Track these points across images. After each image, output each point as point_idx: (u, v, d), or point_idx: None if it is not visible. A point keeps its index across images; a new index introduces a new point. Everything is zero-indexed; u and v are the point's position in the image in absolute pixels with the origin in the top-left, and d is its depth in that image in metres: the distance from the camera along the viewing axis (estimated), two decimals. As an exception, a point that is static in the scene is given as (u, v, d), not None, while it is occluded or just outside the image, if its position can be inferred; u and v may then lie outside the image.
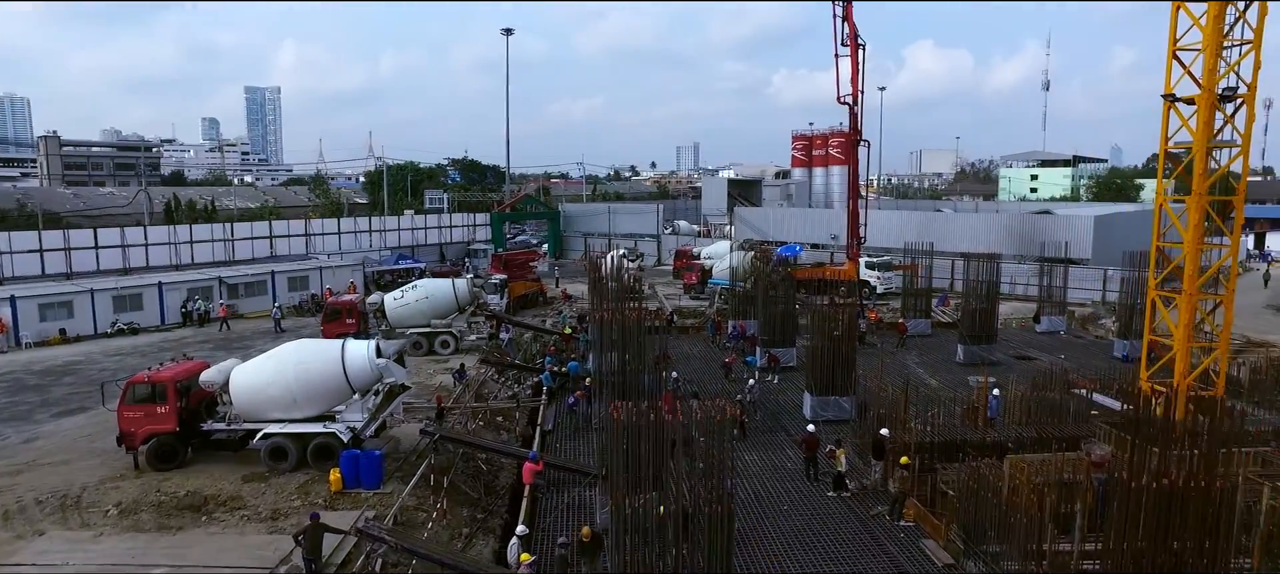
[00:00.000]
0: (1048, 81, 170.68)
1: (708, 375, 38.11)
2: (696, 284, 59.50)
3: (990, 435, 26.23)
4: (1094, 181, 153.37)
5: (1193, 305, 27.62)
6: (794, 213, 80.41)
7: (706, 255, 65.88)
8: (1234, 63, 26.40)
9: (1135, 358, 41.23)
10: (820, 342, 30.64)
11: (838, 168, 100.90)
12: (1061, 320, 48.74)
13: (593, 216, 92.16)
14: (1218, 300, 28.35)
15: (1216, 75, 26.32)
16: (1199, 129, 26.74)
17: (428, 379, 36.82)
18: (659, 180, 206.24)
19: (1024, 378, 37.59)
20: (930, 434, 24.89)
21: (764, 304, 39.67)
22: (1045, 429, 26.33)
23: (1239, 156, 27.10)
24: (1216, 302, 28.39)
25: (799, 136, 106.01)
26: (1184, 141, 28.02)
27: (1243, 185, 27.33)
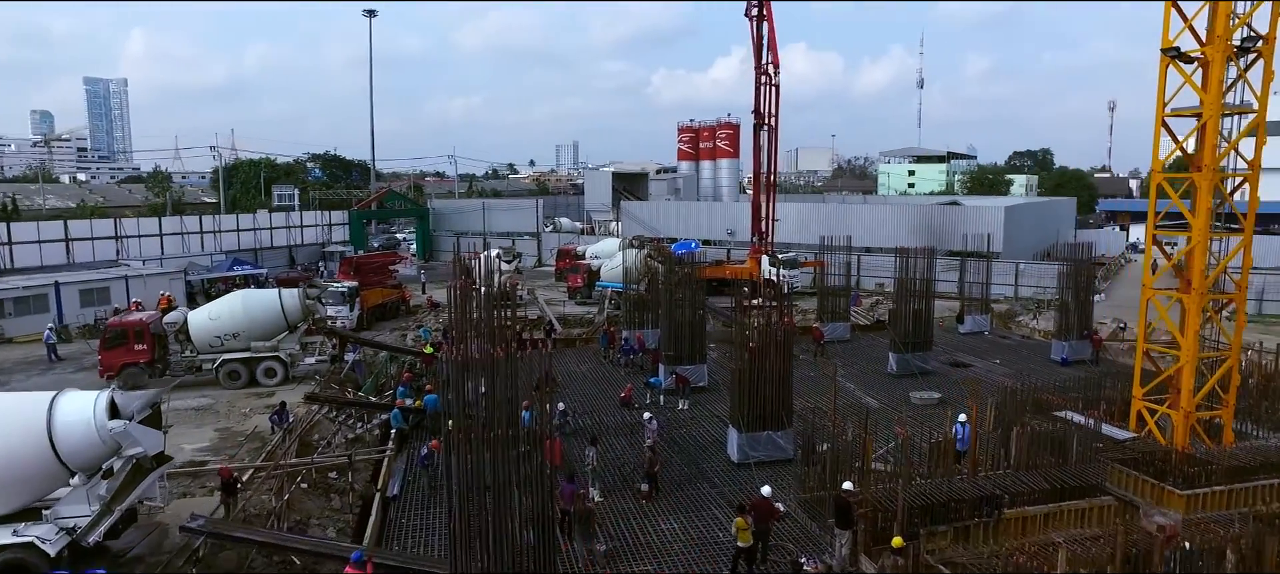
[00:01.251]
0: (922, 80, 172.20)
1: (603, 403, 30.67)
2: (583, 287, 51.93)
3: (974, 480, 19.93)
4: (967, 176, 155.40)
5: (1201, 306, 22.27)
6: (686, 206, 74.13)
7: (593, 255, 58.46)
8: (1246, 15, 21.25)
9: (1074, 360, 36.95)
10: (746, 360, 23.73)
11: (726, 161, 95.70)
12: (985, 320, 44.05)
13: (466, 214, 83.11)
14: (1228, 300, 23.12)
15: (1229, 24, 21.06)
16: (1211, 88, 21.40)
17: (239, 423, 27.73)
18: (538, 178, 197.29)
19: (963, 389, 32.28)
20: (904, 485, 18.34)
21: (666, 311, 32.57)
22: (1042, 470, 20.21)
23: (1256, 124, 21.91)
24: (1227, 302, 23.13)
25: (685, 128, 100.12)
26: (1186, 105, 22.75)
27: (1257, 157, 22.11)
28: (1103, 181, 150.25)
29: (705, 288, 33.69)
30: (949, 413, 29.05)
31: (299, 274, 61.35)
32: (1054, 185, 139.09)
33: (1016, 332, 44.91)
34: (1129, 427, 24.02)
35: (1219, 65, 21.18)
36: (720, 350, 36.35)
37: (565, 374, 34.89)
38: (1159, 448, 22.12)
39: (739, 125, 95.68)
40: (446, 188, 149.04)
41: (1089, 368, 35.98)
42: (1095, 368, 36.07)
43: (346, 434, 27.49)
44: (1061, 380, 33.29)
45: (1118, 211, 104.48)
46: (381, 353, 37.03)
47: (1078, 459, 20.22)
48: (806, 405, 27.36)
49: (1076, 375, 34.60)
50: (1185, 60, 22.16)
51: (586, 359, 37.83)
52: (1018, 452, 20.18)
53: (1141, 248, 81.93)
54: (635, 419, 28.05)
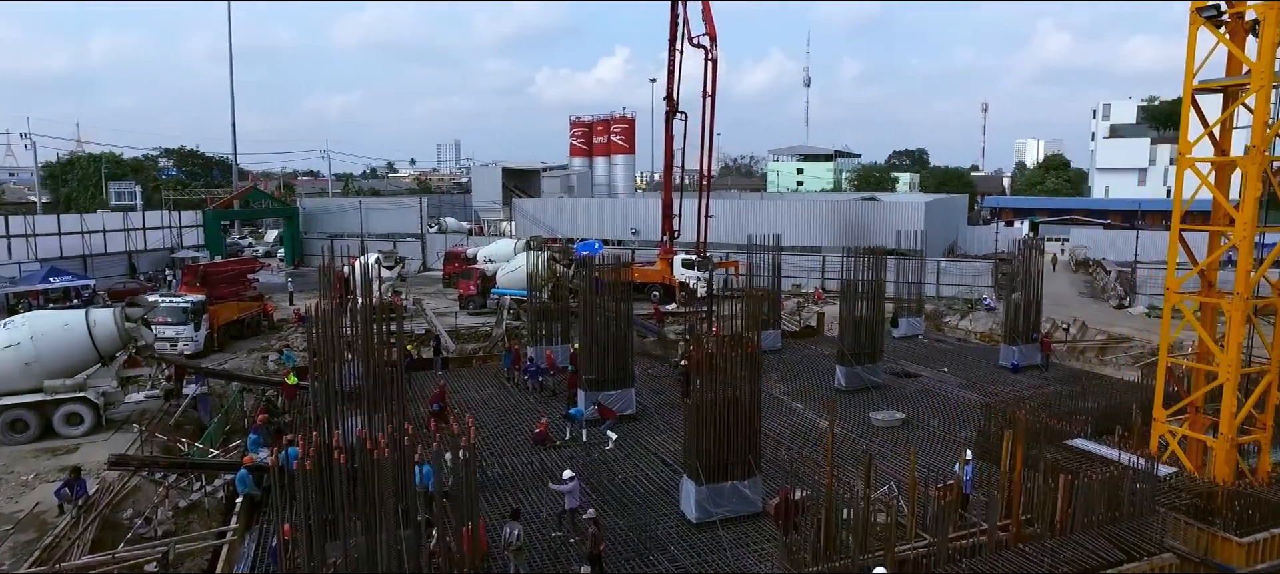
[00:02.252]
0: (808, 78, 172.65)
1: (513, 441, 24.62)
2: (477, 295, 45.36)
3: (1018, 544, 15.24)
4: (854, 174, 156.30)
5: (1247, 312, 18.44)
6: (584, 204, 68.35)
7: (486, 258, 51.96)
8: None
9: (1025, 366, 33.64)
10: (697, 391, 18.37)
11: (621, 157, 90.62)
12: (919, 322, 40.46)
13: (342, 214, 74.42)
14: (1267, 305, 19.37)
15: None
16: (1264, 52, 17.55)
17: (11, 499, 20.12)
18: (420, 176, 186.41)
19: (925, 403, 28.15)
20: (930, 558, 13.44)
21: (586, 325, 26.84)
22: (1099, 529, 15.71)
23: (1258, 92, 18.18)
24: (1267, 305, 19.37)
25: (578, 123, 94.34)
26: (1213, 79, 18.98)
27: (1259, 129, 18.38)
28: (979, 179, 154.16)
29: (629, 296, 28.13)
30: (922, 438, 24.90)
31: (139, 285, 51.93)
32: (937, 183, 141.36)
33: (951, 334, 41.56)
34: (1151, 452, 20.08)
35: (1273, 24, 17.35)
36: (643, 369, 31.02)
37: (463, 401, 28.62)
38: (1203, 486, 18.17)
39: (634, 120, 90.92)
40: (320, 187, 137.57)
41: (1042, 373, 32.84)
42: (1047, 373, 32.96)
43: (177, 502, 20.41)
44: (1021, 389, 29.81)
45: (1002, 208, 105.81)
46: (233, 384, 29.56)
47: (1132, 510, 15.88)
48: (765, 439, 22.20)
49: (1033, 382, 31.29)
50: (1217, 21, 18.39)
51: (486, 382, 31.58)
52: (1065, 508, 15.61)
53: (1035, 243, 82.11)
54: (556, 463, 22.27)
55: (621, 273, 27.28)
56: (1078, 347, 37.57)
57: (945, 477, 19.01)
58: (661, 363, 33.85)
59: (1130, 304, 45.75)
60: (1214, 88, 18.86)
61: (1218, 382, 18.72)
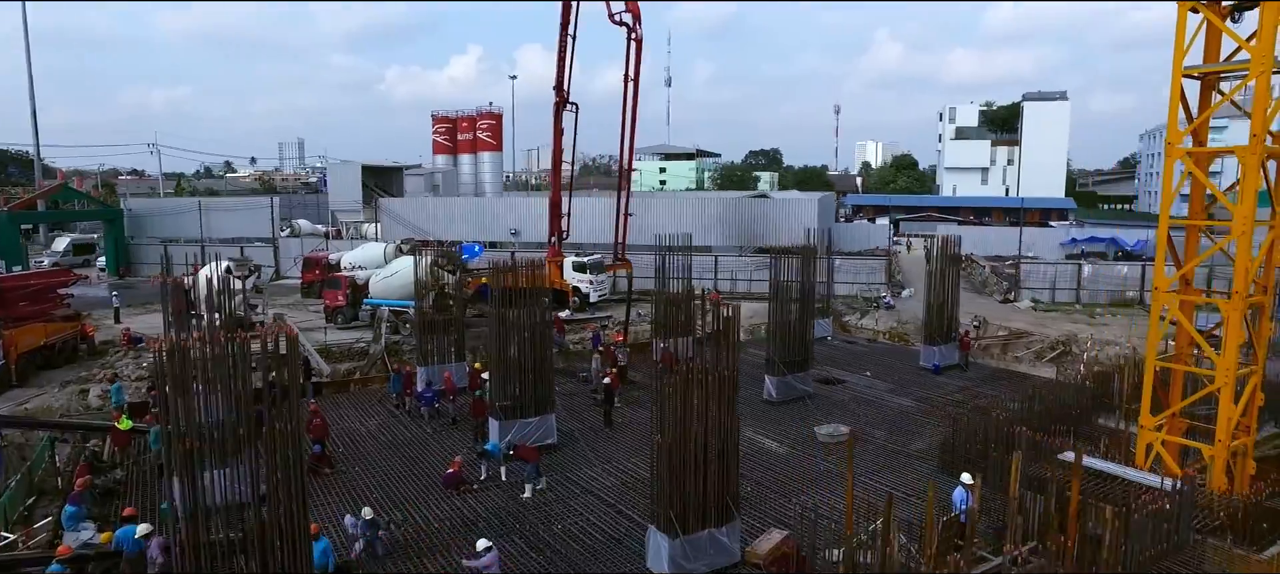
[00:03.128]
0: (669, 78, 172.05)
1: (417, 487, 20.26)
2: (347, 306, 39.80)
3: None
4: (717, 173, 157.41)
5: (1244, 313, 17.05)
6: (459, 203, 63.10)
7: (353, 264, 46.21)
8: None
9: (946, 366, 32.44)
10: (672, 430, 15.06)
11: (489, 154, 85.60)
12: (827, 324, 38.78)
13: (177, 217, 65.36)
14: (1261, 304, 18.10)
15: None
16: (1264, 35, 16.14)
17: None
18: (263, 176, 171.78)
19: (864, 413, 25.99)
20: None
21: (494, 342, 22.80)
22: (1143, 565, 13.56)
23: (1258, 78, 16.94)
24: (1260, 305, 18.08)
25: (441, 119, 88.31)
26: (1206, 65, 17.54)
27: (1259, 117, 17.16)
28: (835, 178, 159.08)
29: (546, 305, 24.27)
30: (874, 452, 22.64)
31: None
32: (797, 182, 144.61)
33: (858, 335, 40.18)
34: (1137, 464, 18.54)
35: (1274, 9, 15.95)
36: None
37: (345, 436, 23.85)
38: (1234, 503, 16.58)
39: (502, 115, 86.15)
40: (148, 186, 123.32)
41: (963, 373, 31.71)
42: (967, 372, 31.88)
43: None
44: (951, 391, 28.37)
45: (862, 205, 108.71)
46: (39, 432, 23.25)
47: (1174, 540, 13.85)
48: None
49: (959, 384, 29.99)
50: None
51: (371, 410, 26.77)
52: (1115, 543, 13.35)
53: (897, 239, 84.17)
54: (476, 513, 18.31)
55: (536, 277, 23.44)
56: (981, 342, 37.01)
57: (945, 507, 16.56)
58: (568, 378, 30.19)
59: (1015, 298, 46.27)
60: (1212, 71, 17.41)
61: (1214, 386, 17.28)
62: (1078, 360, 34.16)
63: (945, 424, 24.69)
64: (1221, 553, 14.44)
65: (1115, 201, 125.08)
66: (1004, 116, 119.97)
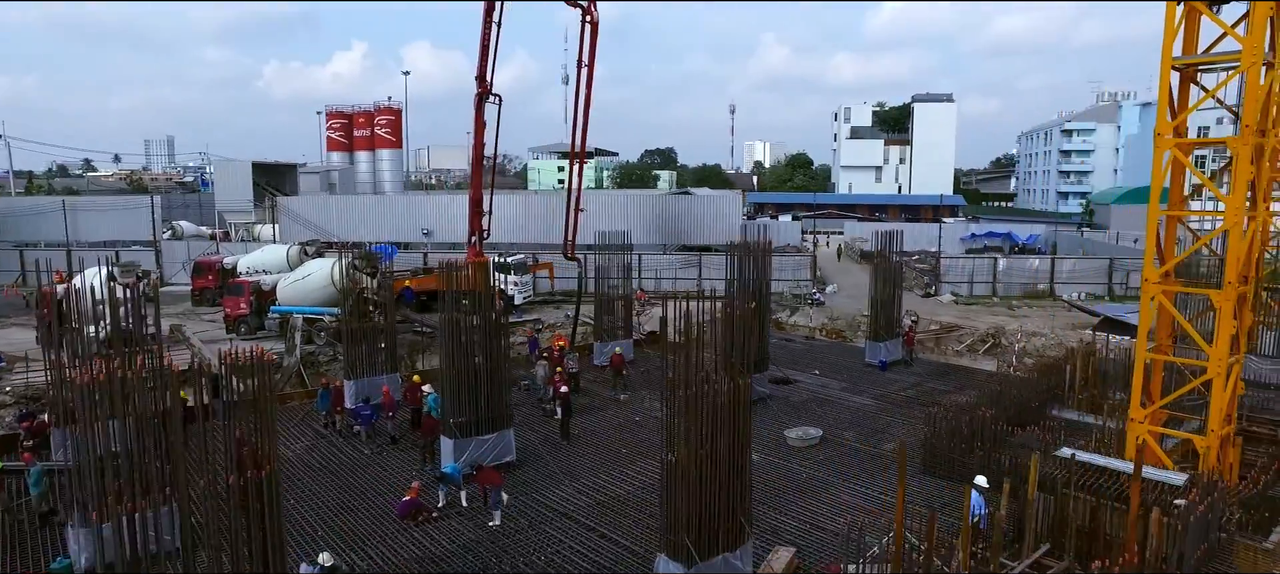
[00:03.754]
0: (567, 76, 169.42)
1: (372, 524, 17.85)
2: (251, 314, 36.14)
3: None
4: (616, 171, 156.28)
5: (1235, 304, 16.94)
6: (366, 202, 59.23)
7: (253, 268, 42.34)
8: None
9: (892, 363, 32.15)
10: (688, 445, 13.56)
11: (388, 151, 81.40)
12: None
13: (35, 219, 58.56)
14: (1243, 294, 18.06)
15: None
16: (1255, 27, 15.98)
17: None
18: (131, 176, 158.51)
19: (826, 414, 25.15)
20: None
21: (447, 351, 20.66)
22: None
23: (1249, 70, 16.89)
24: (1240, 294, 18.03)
25: (336, 114, 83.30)
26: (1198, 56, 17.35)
27: (1251, 108, 17.12)
28: (734, 177, 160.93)
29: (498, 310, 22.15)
30: (848, 455, 21.76)
31: None
32: (695, 181, 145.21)
33: (794, 332, 39.65)
34: (1126, 456, 18.26)
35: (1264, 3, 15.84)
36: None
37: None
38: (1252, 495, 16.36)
39: (401, 111, 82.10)
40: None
41: (908, 368, 31.50)
42: (912, 367, 31.71)
43: None
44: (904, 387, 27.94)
45: (764, 203, 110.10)
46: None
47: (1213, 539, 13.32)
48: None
49: (908, 379, 29.64)
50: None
51: (295, 431, 23.89)
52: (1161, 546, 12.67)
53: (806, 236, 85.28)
54: (442, 546, 16.22)
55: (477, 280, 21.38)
56: (916, 336, 37.12)
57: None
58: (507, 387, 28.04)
59: (936, 292, 47.06)
60: (1201, 63, 17.23)
61: (1207, 376, 17.13)
62: (1010, 352, 34.78)
63: (915, 423, 24.27)
64: (1250, 551, 14.10)
65: (995, 199, 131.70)
66: (896, 117, 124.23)
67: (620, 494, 19.19)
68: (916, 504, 19.01)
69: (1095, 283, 45.98)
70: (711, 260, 48.71)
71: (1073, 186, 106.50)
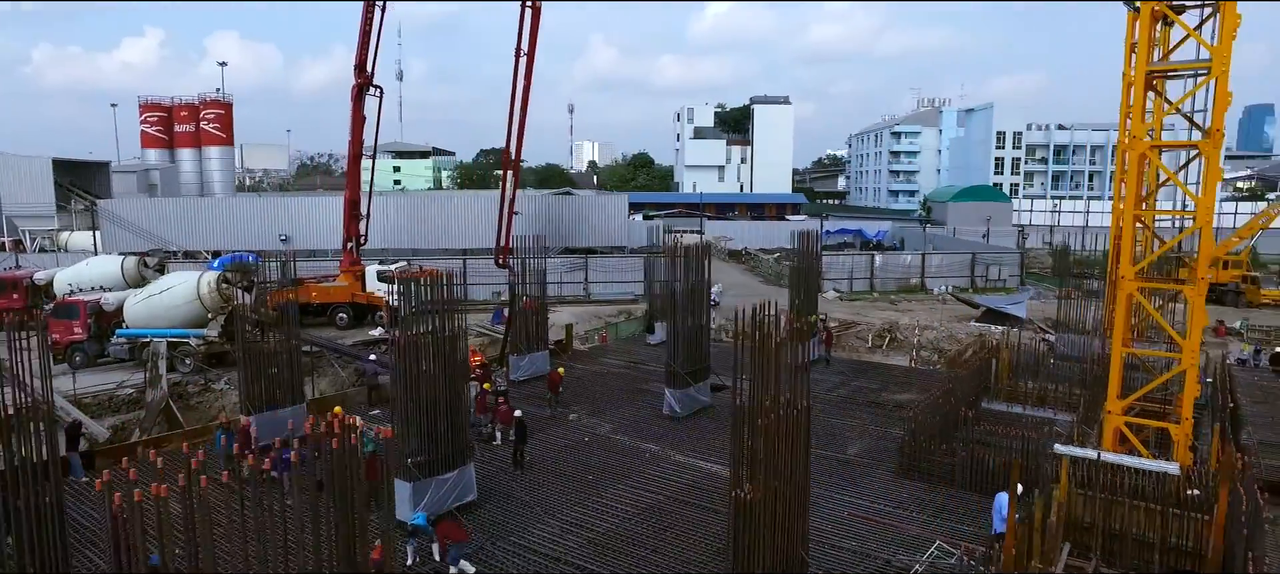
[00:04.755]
0: (401, 72, 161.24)
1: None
2: (90, 340, 30.50)
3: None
4: (456, 172, 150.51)
5: (1205, 297, 17.68)
6: (212, 205, 52.37)
7: (76, 284, 36.07)
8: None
9: (811, 362, 32.01)
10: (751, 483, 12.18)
11: (217, 148, 73.23)
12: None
13: None
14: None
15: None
16: (1223, 38, 16.66)
17: None
18: None
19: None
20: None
21: (404, 379, 17.91)
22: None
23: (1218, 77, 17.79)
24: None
25: (151, 105, 73.79)
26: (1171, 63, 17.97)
27: (1220, 113, 18.06)
28: (577, 177, 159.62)
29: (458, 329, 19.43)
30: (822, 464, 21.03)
31: None
32: (538, 181, 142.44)
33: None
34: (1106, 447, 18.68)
35: (1232, 11, 16.57)
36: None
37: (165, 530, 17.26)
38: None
39: (231, 104, 74.09)
40: None
41: (827, 367, 31.54)
42: (830, 367, 31.82)
43: None
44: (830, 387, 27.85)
45: (641, 203, 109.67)
46: None
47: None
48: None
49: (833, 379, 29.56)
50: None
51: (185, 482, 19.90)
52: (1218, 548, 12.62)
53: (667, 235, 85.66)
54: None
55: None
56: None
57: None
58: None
59: (820, 290, 47.97)
60: (1172, 71, 17.83)
61: (1180, 368, 17.79)
62: (915, 346, 35.88)
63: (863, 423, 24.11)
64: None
65: (828, 197, 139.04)
66: (736, 118, 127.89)
67: (608, 529, 17.32)
68: (909, 509, 18.65)
69: (960, 276, 48.85)
70: (600, 263, 47.19)
71: (902, 185, 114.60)
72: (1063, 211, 78.38)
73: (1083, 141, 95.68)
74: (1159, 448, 19.27)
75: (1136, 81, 17.67)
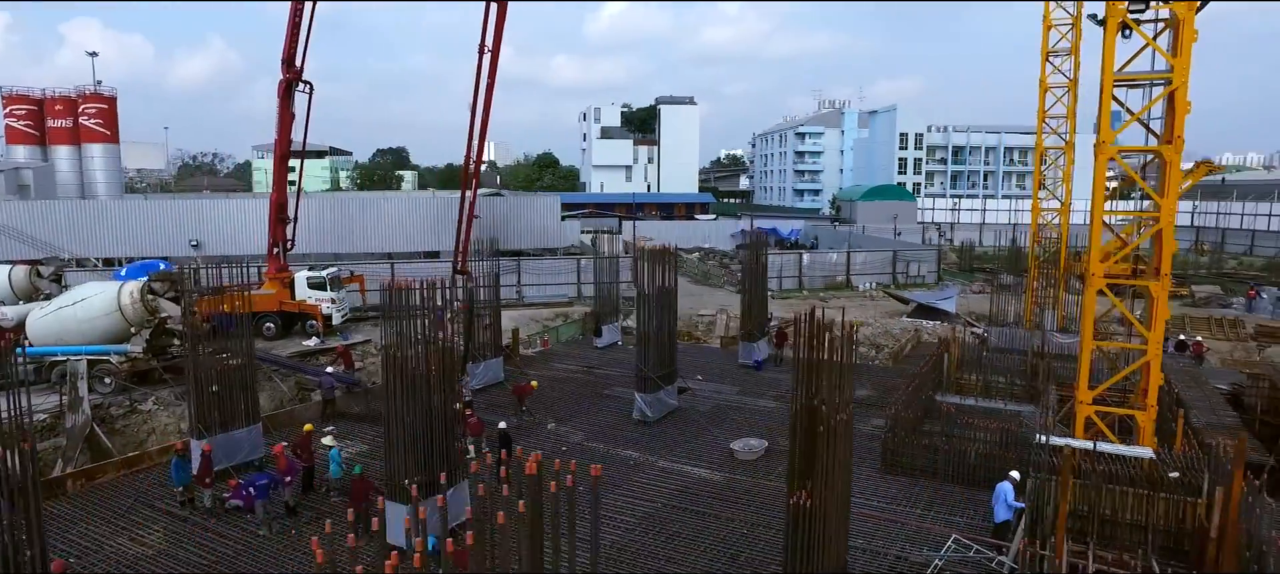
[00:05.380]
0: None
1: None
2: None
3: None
4: (355, 172, 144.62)
5: (1167, 293, 18.77)
6: (112, 207, 47.86)
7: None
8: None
9: (762, 360, 32.33)
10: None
11: (100, 146, 67.63)
12: (616, 328, 36.71)
13: None
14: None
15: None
16: (1183, 50, 17.72)
17: None
18: None
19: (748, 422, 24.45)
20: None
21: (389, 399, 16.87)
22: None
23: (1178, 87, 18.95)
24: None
25: (19, 99, 67.24)
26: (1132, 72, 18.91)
27: (1180, 120, 19.22)
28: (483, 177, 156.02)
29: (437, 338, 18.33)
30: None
31: None
32: (441, 182, 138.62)
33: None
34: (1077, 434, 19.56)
35: (1190, 25, 17.65)
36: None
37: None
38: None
39: (115, 98, 68.54)
40: None
41: (777, 366, 31.89)
42: (779, 366, 32.18)
43: None
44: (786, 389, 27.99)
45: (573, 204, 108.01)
46: None
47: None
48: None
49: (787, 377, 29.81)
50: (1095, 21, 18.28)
51: (136, 521, 18.06)
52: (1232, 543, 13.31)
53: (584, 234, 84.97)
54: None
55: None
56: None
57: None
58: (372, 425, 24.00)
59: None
60: (1136, 81, 18.79)
61: (1144, 359, 18.82)
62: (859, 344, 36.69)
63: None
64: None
65: (731, 196, 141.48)
66: (642, 118, 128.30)
67: (616, 541, 16.81)
68: (901, 504, 18.99)
69: (882, 273, 50.55)
70: (533, 265, 46.23)
71: (807, 184, 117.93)
72: (961, 210, 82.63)
73: (978, 143, 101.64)
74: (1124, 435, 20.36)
75: (1104, 91, 18.56)
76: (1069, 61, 34.86)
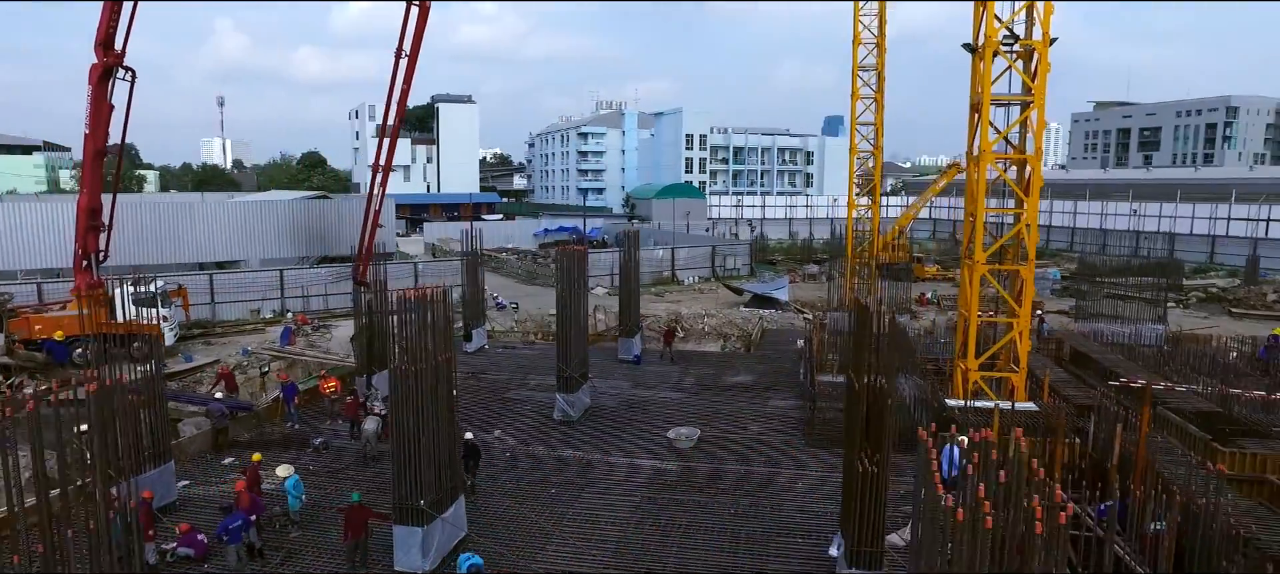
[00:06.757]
0: None
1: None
2: None
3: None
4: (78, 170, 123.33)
5: (1033, 276, 22.52)
6: None
7: None
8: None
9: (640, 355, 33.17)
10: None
11: None
12: (483, 331, 35.86)
13: None
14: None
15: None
16: (1040, 77, 21.36)
17: None
18: None
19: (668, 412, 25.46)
20: None
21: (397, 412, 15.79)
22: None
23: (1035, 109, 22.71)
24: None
25: None
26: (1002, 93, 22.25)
27: (1039, 135, 22.95)
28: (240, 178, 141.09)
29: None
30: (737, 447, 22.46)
31: None
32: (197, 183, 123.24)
33: (503, 339, 37.85)
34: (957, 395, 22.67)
35: (1045, 57, 21.32)
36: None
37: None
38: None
39: None
40: None
41: (660, 360, 33.02)
42: (666, 360, 33.33)
43: None
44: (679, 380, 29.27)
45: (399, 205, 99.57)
46: None
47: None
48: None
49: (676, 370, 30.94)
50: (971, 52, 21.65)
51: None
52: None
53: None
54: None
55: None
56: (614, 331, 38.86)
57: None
58: (310, 452, 21.93)
59: (588, 287, 49.28)
60: (1004, 102, 22.11)
61: (1015, 332, 22.36)
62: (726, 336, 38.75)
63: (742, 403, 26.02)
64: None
65: (511, 195, 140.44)
66: (420, 116, 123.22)
67: (621, 539, 16.95)
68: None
69: (702, 267, 53.58)
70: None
71: (591, 183, 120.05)
72: (744, 207, 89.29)
73: (755, 144, 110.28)
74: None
75: (983, 109, 21.78)
76: (875, 76, 39.41)
